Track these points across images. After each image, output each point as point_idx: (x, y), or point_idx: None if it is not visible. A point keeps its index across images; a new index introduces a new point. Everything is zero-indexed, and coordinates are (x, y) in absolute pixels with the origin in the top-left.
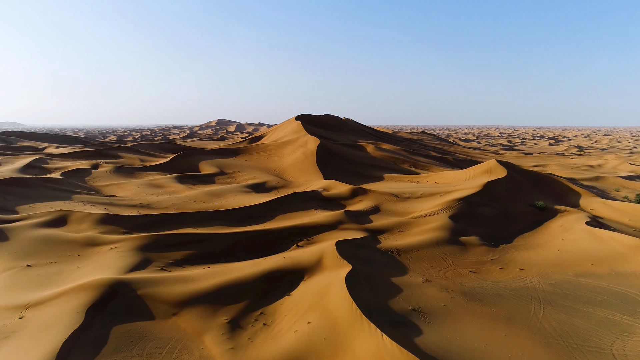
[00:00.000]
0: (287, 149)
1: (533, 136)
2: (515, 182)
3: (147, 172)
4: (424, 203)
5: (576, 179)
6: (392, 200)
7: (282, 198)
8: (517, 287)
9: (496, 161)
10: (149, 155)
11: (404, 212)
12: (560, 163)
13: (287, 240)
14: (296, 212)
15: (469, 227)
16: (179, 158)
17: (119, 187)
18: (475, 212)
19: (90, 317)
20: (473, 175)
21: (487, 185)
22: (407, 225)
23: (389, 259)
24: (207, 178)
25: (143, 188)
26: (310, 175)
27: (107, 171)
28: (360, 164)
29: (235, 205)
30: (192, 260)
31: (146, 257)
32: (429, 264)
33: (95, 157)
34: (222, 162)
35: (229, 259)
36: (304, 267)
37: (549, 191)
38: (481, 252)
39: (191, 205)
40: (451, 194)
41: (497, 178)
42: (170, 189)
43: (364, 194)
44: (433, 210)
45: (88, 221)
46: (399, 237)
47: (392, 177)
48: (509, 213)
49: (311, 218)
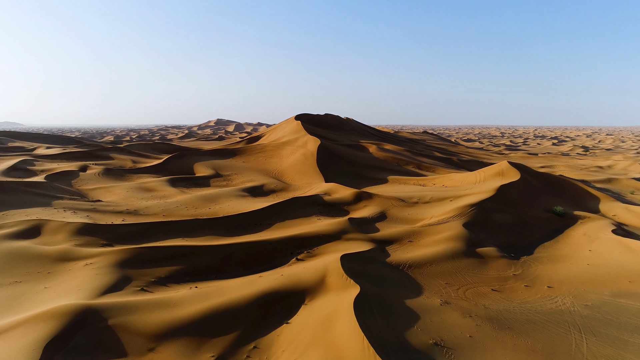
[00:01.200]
0: (286, 149)
1: (535, 136)
2: (529, 185)
3: (139, 174)
4: (433, 209)
5: (588, 181)
6: (399, 206)
7: (281, 204)
8: (550, 310)
9: (508, 163)
10: (142, 157)
11: (412, 219)
12: (568, 164)
13: (286, 253)
14: (296, 220)
15: (485, 236)
16: (173, 159)
17: (107, 190)
18: (490, 219)
19: (47, 356)
20: (484, 178)
21: (500, 189)
22: (417, 235)
23: (401, 276)
24: (202, 181)
25: (132, 192)
26: (311, 177)
27: (95, 173)
28: (362, 166)
29: (229, 212)
30: (178, 277)
31: (125, 274)
32: (445, 280)
33: (85, 158)
34: (218, 164)
35: (220, 275)
36: (305, 287)
37: (565, 195)
38: (502, 266)
39: (182, 211)
40: (462, 198)
41: (511, 181)
42: (161, 192)
43: (369, 199)
44: (445, 217)
45: (64, 231)
46: (409, 249)
47: (397, 180)
48: (526, 220)
49: (312, 226)
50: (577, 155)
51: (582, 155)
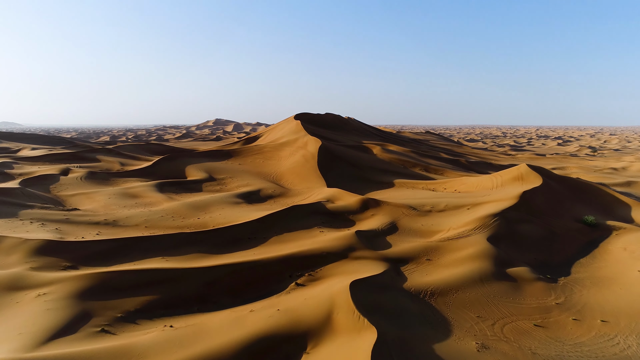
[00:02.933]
0: (285, 151)
1: (538, 136)
2: (553, 191)
3: (125, 178)
4: (450, 218)
5: (607, 184)
6: (411, 215)
7: (278, 213)
8: (613, 356)
9: (527, 166)
10: (132, 158)
11: (427, 231)
12: (580, 165)
13: (284, 276)
14: (295, 232)
15: (513, 252)
16: (163, 162)
17: (87, 197)
18: (516, 232)
19: None
20: (501, 182)
21: (524, 195)
22: (436, 252)
23: (423, 308)
24: (193, 185)
25: (114, 199)
26: (311, 181)
27: (77, 177)
28: (366, 168)
29: (220, 223)
30: (151, 310)
31: (85, 309)
32: (476, 313)
33: (70, 160)
34: (212, 166)
35: (204, 306)
36: (307, 327)
37: (593, 202)
38: (539, 292)
39: (167, 222)
40: (481, 207)
41: (534, 187)
42: (146, 199)
43: (376, 207)
44: (465, 229)
45: (20, 251)
46: (428, 270)
47: (404, 184)
48: (555, 231)
49: (314, 241)
50: (585, 156)
51: (591, 156)
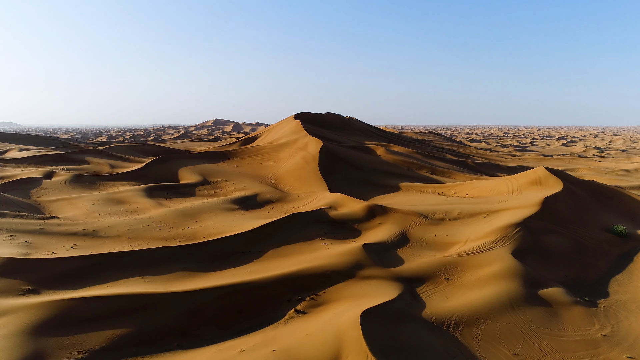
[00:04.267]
0: (284, 152)
1: (541, 136)
2: (576, 197)
3: (114, 181)
4: (466, 228)
5: (623, 187)
6: (422, 224)
7: (276, 223)
8: None
9: (545, 169)
10: (123, 160)
11: (442, 242)
12: (591, 167)
13: (281, 300)
14: (295, 245)
15: (541, 268)
16: (155, 164)
17: (69, 203)
18: (541, 244)
19: None
20: (517, 187)
21: (546, 202)
22: (454, 269)
23: (448, 344)
24: (186, 189)
25: (98, 205)
26: (312, 184)
27: (62, 181)
28: (370, 171)
29: (212, 233)
30: (120, 349)
31: (39, 348)
32: (512, 349)
33: (57, 162)
34: (207, 169)
35: (184, 341)
36: None
37: (618, 208)
38: (580, 319)
39: (152, 232)
40: (499, 214)
41: (555, 192)
42: (133, 205)
43: (384, 214)
44: (484, 241)
45: None
46: (449, 292)
47: (411, 187)
48: (583, 243)
49: (316, 257)
50: (593, 157)
51: (599, 156)
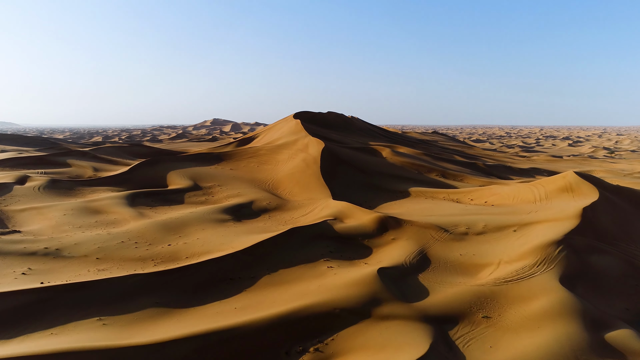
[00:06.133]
0: (283, 154)
1: (545, 136)
2: (617, 207)
3: (94, 187)
4: (495, 245)
5: None
6: (443, 239)
7: (272, 240)
8: None
9: (575, 173)
10: (109, 162)
11: (470, 264)
12: (606, 169)
13: (277, 353)
14: (295, 268)
15: (597, 300)
16: (142, 167)
17: (39, 213)
18: (589, 267)
19: None
20: (545, 194)
21: (585, 213)
22: (492, 302)
23: None
24: (174, 195)
25: (71, 215)
26: (313, 190)
27: (35, 187)
28: (376, 174)
29: (194, 253)
30: None
31: None
32: None
33: (35, 165)
34: (199, 172)
35: None
36: None
37: None
38: None
39: (127, 250)
40: (532, 228)
41: (592, 201)
42: (111, 216)
43: (397, 227)
44: (522, 264)
45: None
46: (491, 337)
47: (422, 193)
48: (635, 264)
49: (321, 287)
50: (605, 157)
51: (610, 157)
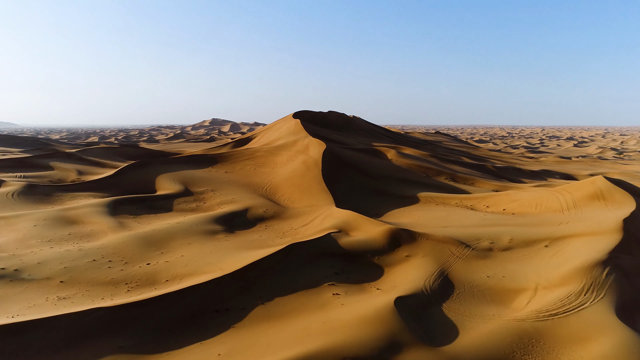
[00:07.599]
0: (282, 155)
1: (548, 137)
2: None
3: (75, 192)
4: (527, 264)
5: None
6: (465, 257)
7: (267, 260)
8: None
9: (605, 178)
10: (95, 165)
11: (501, 289)
12: (620, 170)
13: None
14: (293, 296)
15: None
16: (129, 170)
17: (7, 223)
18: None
19: None
20: (572, 201)
21: (627, 226)
22: (538, 345)
23: None
24: (162, 202)
25: (42, 227)
26: (315, 196)
27: (9, 193)
28: (382, 178)
29: (176, 275)
30: None
31: None
32: None
33: (15, 168)
34: (191, 176)
35: None
36: None
37: None
38: None
39: (98, 272)
40: (566, 243)
41: (631, 211)
42: (87, 227)
43: (411, 242)
44: (566, 291)
45: None
46: None
47: (432, 198)
48: None
49: (326, 326)
50: (615, 158)
51: (619, 158)
